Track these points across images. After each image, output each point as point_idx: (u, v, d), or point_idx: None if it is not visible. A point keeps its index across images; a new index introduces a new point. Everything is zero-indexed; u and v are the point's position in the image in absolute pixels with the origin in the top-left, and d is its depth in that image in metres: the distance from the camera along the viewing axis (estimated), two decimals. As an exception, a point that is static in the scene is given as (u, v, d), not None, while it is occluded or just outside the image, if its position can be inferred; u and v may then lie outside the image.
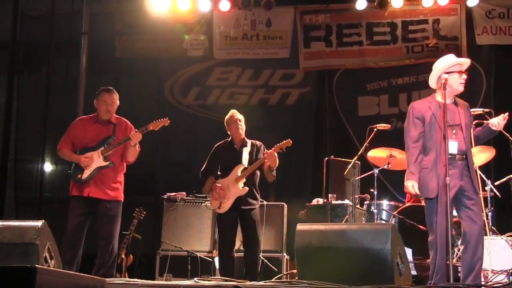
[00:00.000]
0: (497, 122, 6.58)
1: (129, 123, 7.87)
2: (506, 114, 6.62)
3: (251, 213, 8.11)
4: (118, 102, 7.87)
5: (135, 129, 7.75)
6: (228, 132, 8.34)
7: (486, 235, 7.87)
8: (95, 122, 7.74)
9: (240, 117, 8.27)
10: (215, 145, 8.40)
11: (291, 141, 8.12)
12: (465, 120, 6.61)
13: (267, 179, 8.21)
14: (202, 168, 8.30)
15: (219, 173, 8.30)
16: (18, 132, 12.82)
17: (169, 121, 7.86)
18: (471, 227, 6.41)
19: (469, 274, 6.33)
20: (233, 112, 8.35)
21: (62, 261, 6.83)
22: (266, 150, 8.01)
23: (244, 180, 8.03)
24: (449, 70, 6.65)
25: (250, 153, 8.20)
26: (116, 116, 7.85)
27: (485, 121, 6.76)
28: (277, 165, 8.04)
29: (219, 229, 8.22)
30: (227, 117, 8.36)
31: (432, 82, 6.81)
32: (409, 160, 6.68)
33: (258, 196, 8.28)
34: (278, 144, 8.02)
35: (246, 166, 8.09)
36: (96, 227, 7.53)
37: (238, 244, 8.40)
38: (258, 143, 8.34)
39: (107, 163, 7.51)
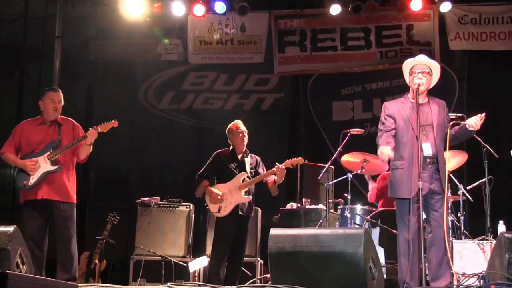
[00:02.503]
0: (474, 123, 6.58)
1: (75, 122, 7.70)
2: (483, 114, 6.62)
3: (248, 222, 8.33)
4: (63, 102, 7.71)
5: (82, 128, 7.64)
6: (230, 141, 8.38)
7: (459, 239, 7.97)
8: (41, 124, 7.57)
9: (245, 129, 8.35)
10: (216, 152, 8.41)
11: (302, 159, 8.28)
12: (437, 120, 6.64)
13: (271, 193, 8.31)
14: (200, 172, 8.31)
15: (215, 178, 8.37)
16: (-10, 136, 12.73)
17: (117, 123, 7.63)
18: (436, 230, 6.52)
19: (438, 277, 6.42)
20: (239, 123, 8.40)
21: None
22: (277, 164, 8.04)
23: (247, 189, 8.09)
24: (412, 71, 6.76)
25: (251, 165, 8.30)
26: (62, 116, 7.67)
27: (461, 122, 6.76)
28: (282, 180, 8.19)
29: (217, 232, 8.20)
30: (231, 127, 8.39)
31: (407, 81, 6.89)
32: (379, 140, 6.76)
33: (253, 207, 8.43)
34: (289, 160, 8.13)
35: (249, 175, 8.17)
36: (53, 231, 7.44)
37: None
38: (257, 157, 8.47)
39: (55, 167, 7.34)
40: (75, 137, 7.52)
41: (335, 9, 11.76)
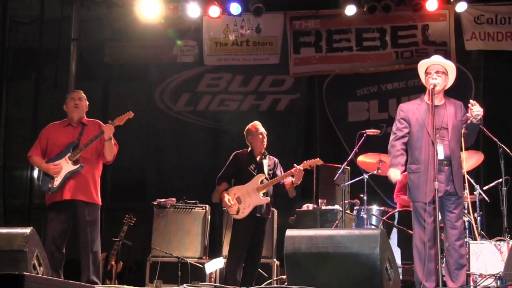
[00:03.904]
0: (475, 115, 6.54)
1: (102, 123, 7.70)
2: (472, 101, 6.59)
3: (266, 223, 8.32)
4: (87, 102, 7.79)
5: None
6: (248, 143, 8.33)
7: (475, 239, 7.93)
8: (67, 126, 7.66)
9: (264, 130, 8.30)
10: (235, 153, 8.37)
11: (320, 161, 8.23)
12: (452, 122, 6.63)
13: (288, 194, 8.29)
14: (219, 175, 8.30)
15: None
16: (7, 139, 12.79)
17: (133, 114, 7.65)
18: (451, 231, 6.50)
19: (455, 280, 6.40)
20: (258, 124, 8.35)
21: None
22: (295, 166, 8.02)
23: (265, 190, 8.08)
24: (427, 72, 6.74)
25: (269, 166, 8.27)
26: (88, 118, 7.76)
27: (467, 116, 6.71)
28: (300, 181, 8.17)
29: (235, 234, 8.16)
30: (250, 128, 8.33)
31: (423, 82, 6.88)
32: (391, 153, 6.75)
33: (271, 208, 8.40)
34: (307, 162, 8.10)
35: (267, 177, 8.14)
36: (77, 232, 7.47)
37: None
38: (275, 159, 8.43)
39: (77, 166, 7.38)
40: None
41: (350, 10, 11.75)
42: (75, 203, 7.38)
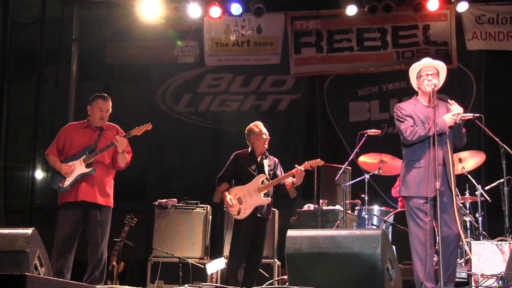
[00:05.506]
0: (455, 116, 6.54)
1: (119, 128, 7.81)
2: (450, 101, 6.61)
3: (267, 223, 8.26)
4: (111, 110, 7.83)
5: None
6: (250, 142, 8.26)
7: (477, 239, 7.93)
8: (86, 127, 7.71)
9: (266, 131, 8.25)
10: (235, 153, 8.31)
11: (322, 161, 8.15)
12: None
13: (289, 194, 8.25)
14: (219, 175, 8.24)
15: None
16: (9, 139, 12.79)
17: (151, 126, 7.76)
18: (447, 232, 6.47)
19: (446, 272, 6.39)
20: (260, 125, 8.29)
21: (53, 269, 6.83)
22: (296, 166, 7.98)
23: (266, 190, 8.05)
24: (420, 74, 6.73)
25: (270, 167, 8.24)
26: (108, 123, 7.81)
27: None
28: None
29: (236, 234, 8.11)
30: (253, 128, 8.26)
31: (414, 85, 6.89)
32: (422, 129, 6.62)
33: (271, 208, 8.37)
34: (308, 162, 8.03)
35: (267, 177, 8.12)
36: (86, 233, 7.50)
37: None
38: (275, 159, 8.38)
39: (89, 169, 7.44)
40: None
41: (351, 10, 11.75)
42: (88, 205, 7.43)
